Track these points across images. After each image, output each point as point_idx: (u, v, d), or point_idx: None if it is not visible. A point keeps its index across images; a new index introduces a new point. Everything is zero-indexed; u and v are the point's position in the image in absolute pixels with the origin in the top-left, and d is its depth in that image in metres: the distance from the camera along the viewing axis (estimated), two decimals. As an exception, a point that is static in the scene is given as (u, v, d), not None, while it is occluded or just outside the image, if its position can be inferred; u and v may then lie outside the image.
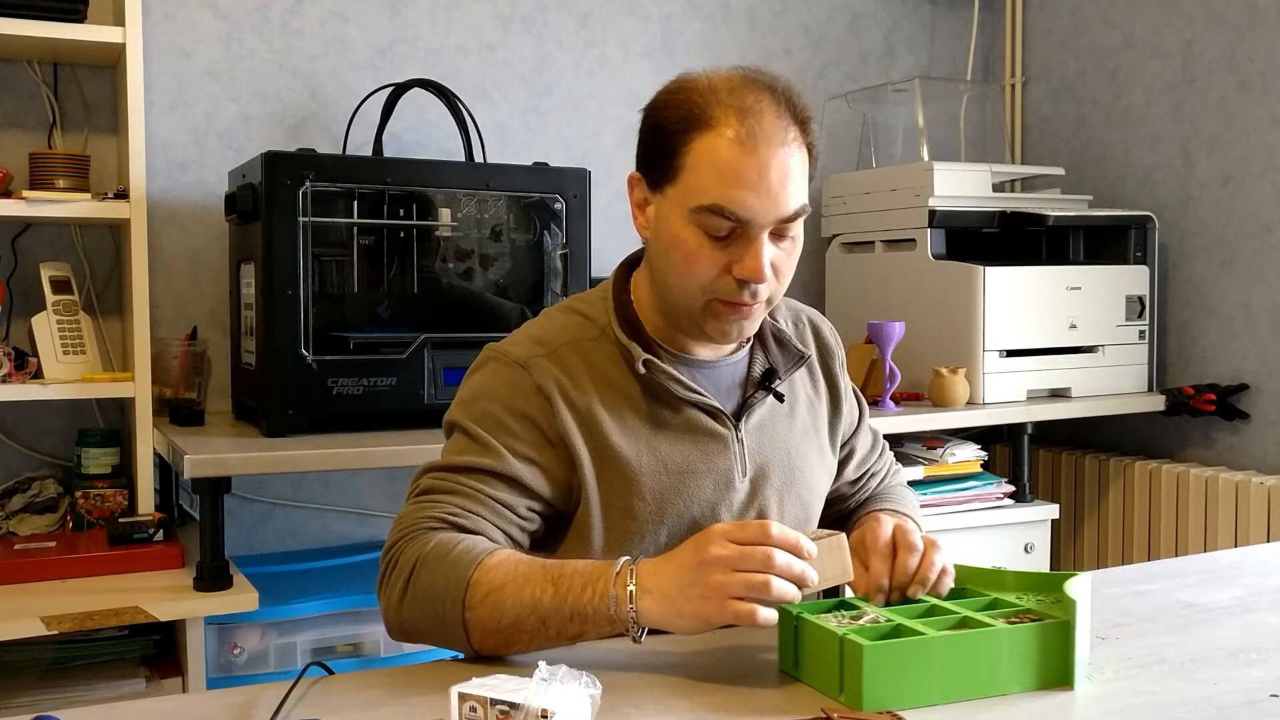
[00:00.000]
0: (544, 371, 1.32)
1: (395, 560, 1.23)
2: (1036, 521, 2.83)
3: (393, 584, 1.22)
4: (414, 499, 1.30)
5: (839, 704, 1.07)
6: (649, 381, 1.34)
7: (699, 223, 1.26)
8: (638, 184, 1.34)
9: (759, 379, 1.41)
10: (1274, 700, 1.09)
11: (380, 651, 2.31)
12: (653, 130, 1.30)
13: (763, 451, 1.39)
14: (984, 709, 1.07)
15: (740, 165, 1.23)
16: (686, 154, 1.25)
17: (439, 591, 1.18)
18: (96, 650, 2.20)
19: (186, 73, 2.60)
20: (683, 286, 1.30)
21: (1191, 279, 3.00)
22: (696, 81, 1.28)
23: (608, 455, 1.32)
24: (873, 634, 1.10)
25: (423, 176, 2.38)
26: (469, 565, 1.18)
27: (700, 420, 1.36)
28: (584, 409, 1.32)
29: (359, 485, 2.77)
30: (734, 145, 1.23)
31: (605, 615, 1.14)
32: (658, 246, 1.32)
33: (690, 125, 1.25)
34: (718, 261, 1.27)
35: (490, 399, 1.32)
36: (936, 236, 2.82)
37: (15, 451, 2.46)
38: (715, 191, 1.24)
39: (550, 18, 2.94)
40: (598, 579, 1.15)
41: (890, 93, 3.25)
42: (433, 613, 1.19)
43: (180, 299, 2.60)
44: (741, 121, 1.23)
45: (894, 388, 2.63)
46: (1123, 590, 1.47)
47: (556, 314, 1.41)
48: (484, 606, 1.16)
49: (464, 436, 1.32)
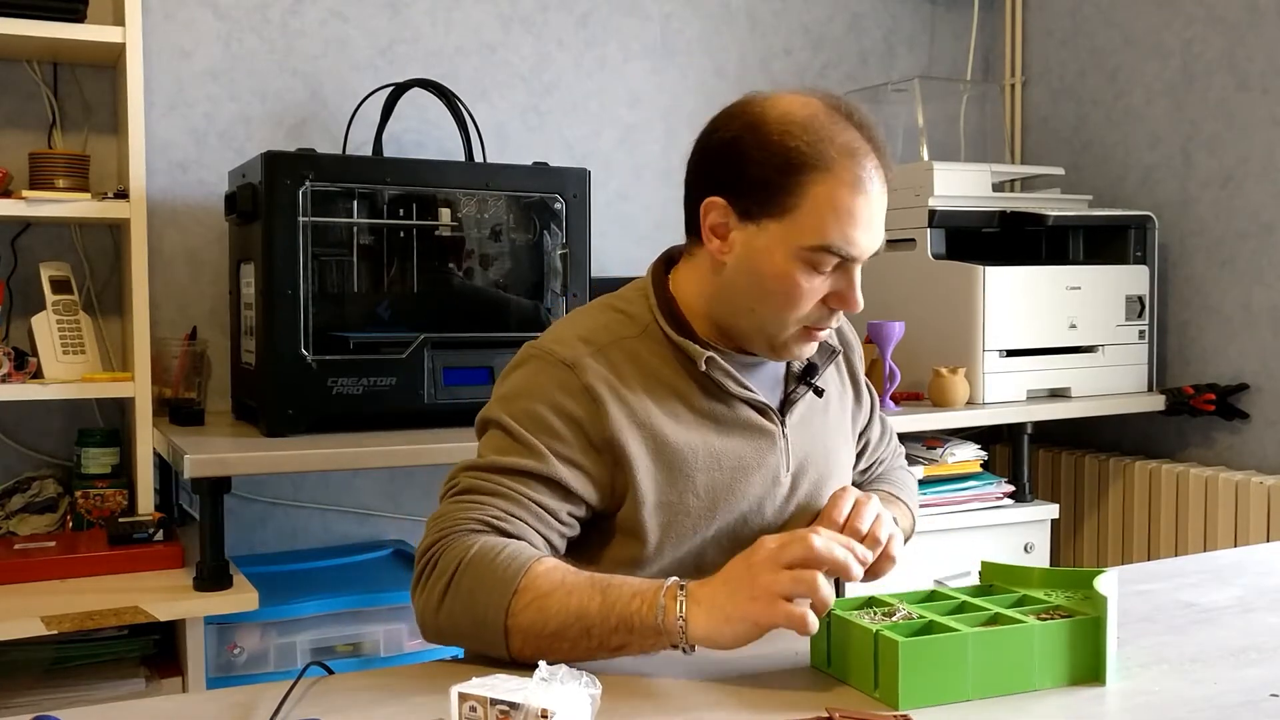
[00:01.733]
0: (593, 371, 1.31)
1: (434, 561, 1.22)
2: (1036, 521, 2.83)
3: (432, 586, 1.21)
4: (452, 498, 1.28)
5: (875, 700, 1.08)
6: (703, 378, 1.35)
7: (808, 260, 1.29)
8: (719, 209, 1.32)
9: (799, 375, 1.44)
10: (1274, 700, 1.09)
11: (380, 651, 2.31)
12: (756, 164, 1.28)
13: (803, 446, 1.42)
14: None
15: (856, 208, 1.28)
16: (800, 194, 1.27)
17: (482, 596, 1.17)
18: (96, 650, 2.20)
19: (186, 73, 2.60)
20: (778, 317, 1.32)
21: (1191, 279, 3.00)
22: (794, 114, 1.29)
23: (663, 451, 1.32)
24: (906, 631, 1.11)
25: (423, 176, 2.38)
26: (516, 571, 1.17)
27: (751, 417, 1.38)
28: (636, 407, 1.32)
29: (359, 485, 2.77)
30: (851, 190, 1.27)
31: (652, 625, 1.13)
32: (747, 275, 1.32)
33: (802, 165, 1.26)
34: (817, 294, 1.31)
35: (534, 398, 1.31)
36: (936, 236, 2.82)
37: (15, 451, 2.46)
38: (833, 233, 1.27)
39: (550, 18, 2.94)
40: (647, 590, 1.15)
41: (890, 93, 3.25)
42: (474, 617, 1.18)
43: (180, 299, 2.60)
44: (855, 164, 1.28)
45: (894, 388, 2.63)
46: (1123, 590, 1.47)
47: (595, 312, 1.41)
48: (528, 612, 1.16)
49: (504, 435, 1.30)
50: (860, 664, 1.11)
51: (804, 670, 1.17)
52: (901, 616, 1.15)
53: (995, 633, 1.10)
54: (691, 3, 3.11)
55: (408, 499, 2.82)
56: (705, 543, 1.35)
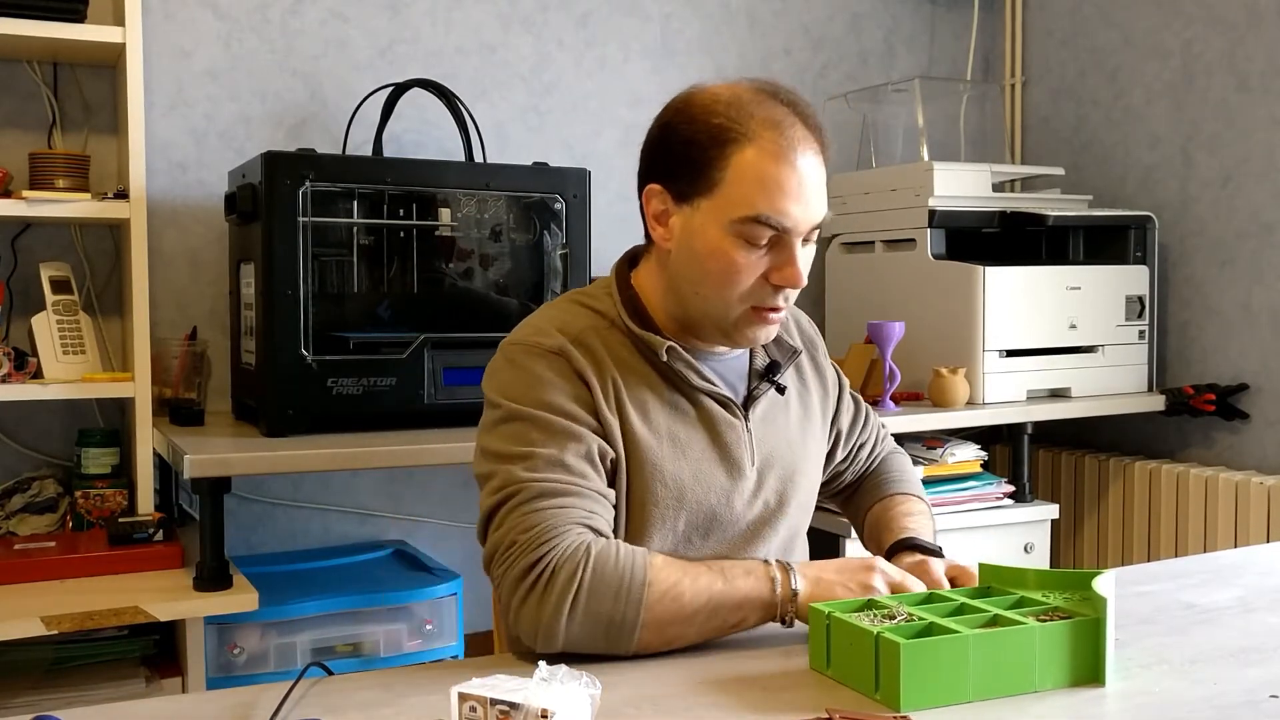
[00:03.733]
0: (575, 355, 1.34)
1: (550, 572, 1.21)
2: (1036, 521, 2.83)
3: (559, 596, 1.20)
4: (529, 504, 1.25)
5: (875, 701, 1.08)
6: (667, 371, 1.37)
7: (739, 233, 1.30)
8: (658, 196, 1.36)
9: (762, 371, 1.45)
10: (1274, 700, 1.09)
11: (380, 651, 2.31)
12: (682, 144, 1.32)
13: (767, 441, 1.43)
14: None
15: (782, 177, 1.29)
16: (724, 167, 1.29)
17: (615, 600, 1.20)
18: (96, 650, 2.20)
19: (186, 73, 2.60)
20: (720, 296, 1.33)
21: (1191, 279, 3.00)
22: (719, 94, 1.33)
23: (633, 440, 1.34)
24: (907, 633, 1.11)
25: (423, 176, 2.38)
26: (643, 568, 1.22)
27: (714, 410, 1.40)
28: (613, 394, 1.34)
29: (359, 485, 2.77)
30: (774, 158, 1.29)
31: (766, 599, 1.23)
32: (687, 257, 1.35)
33: (725, 139, 1.29)
34: (756, 270, 1.32)
35: (544, 387, 1.32)
36: (936, 236, 2.82)
37: (15, 451, 2.46)
38: (760, 202, 1.29)
39: (550, 18, 2.94)
40: (755, 567, 1.26)
41: (890, 93, 3.25)
42: (608, 620, 1.21)
43: (180, 299, 2.60)
44: (779, 134, 1.29)
45: (894, 388, 2.63)
46: (1123, 590, 1.47)
47: (564, 305, 1.43)
48: (663, 604, 1.21)
49: (534, 428, 1.30)
50: (861, 666, 1.11)
51: (804, 671, 1.17)
52: (902, 618, 1.15)
53: (996, 634, 1.11)
54: (691, 3, 3.11)
55: (408, 499, 2.82)
56: (675, 536, 1.36)
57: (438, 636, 2.36)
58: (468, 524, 2.86)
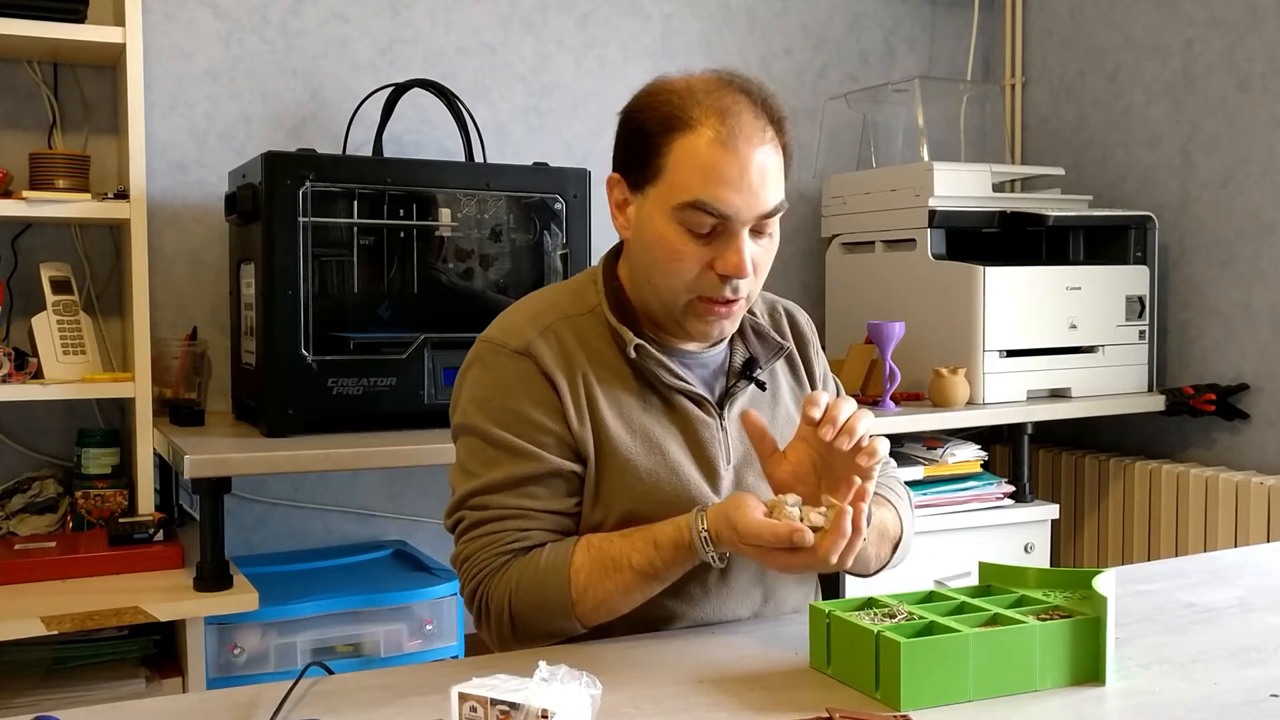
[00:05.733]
0: (544, 354, 1.34)
1: (486, 605, 1.32)
2: (1036, 521, 2.83)
3: (497, 624, 1.32)
4: (468, 535, 1.34)
5: (875, 700, 1.08)
6: (639, 367, 1.37)
7: (682, 220, 1.30)
8: (617, 185, 1.38)
9: (740, 368, 1.44)
10: (1274, 700, 1.09)
11: (380, 651, 2.31)
12: (633, 132, 1.34)
13: (744, 440, 1.41)
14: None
15: (721, 163, 1.28)
16: (668, 153, 1.30)
17: (546, 608, 1.29)
18: (96, 650, 2.20)
19: (186, 73, 2.60)
20: (667, 284, 1.33)
21: (1191, 279, 3.00)
22: (674, 84, 1.34)
23: (605, 438, 1.34)
24: (907, 632, 1.11)
25: (423, 176, 2.38)
26: (562, 567, 1.28)
27: (687, 408, 1.39)
28: (584, 389, 1.35)
29: (359, 485, 2.77)
30: (715, 144, 1.28)
31: (684, 540, 1.26)
32: (639, 246, 1.36)
33: (670, 126, 1.30)
34: (700, 258, 1.31)
35: (505, 395, 1.33)
36: (936, 236, 2.82)
37: (15, 451, 2.46)
38: (698, 189, 1.28)
39: (550, 18, 2.94)
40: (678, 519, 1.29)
41: (890, 93, 3.24)
42: (547, 627, 1.30)
43: (180, 299, 2.60)
44: (721, 121, 1.28)
45: (894, 388, 2.63)
46: (1123, 590, 1.47)
47: (546, 292, 1.45)
48: (589, 593, 1.27)
49: (489, 445, 1.33)
50: (861, 665, 1.11)
51: (804, 671, 1.17)
52: (902, 618, 1.15)
53: (996, 633, 1.11)
54: (691, 3, 3.11)
55: (408, 499, 2.82)
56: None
57: (438, 636, 2.36)
58: (468, 524, 2.86)
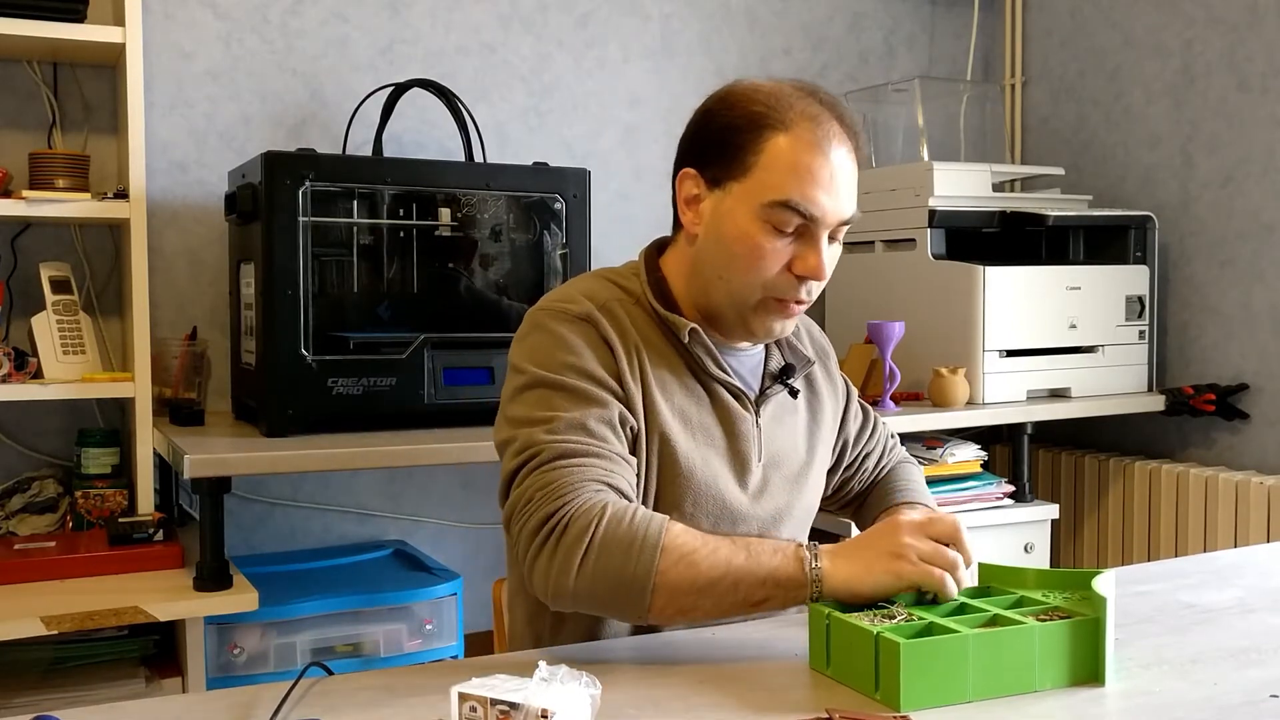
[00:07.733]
0: (604, 325, 1.35)
1: (562, 526, 1.21)
2: (1036, 521, 2.83)
3: (567, 550, 1.20)
4: (549, 464, 1.25)
5: (875, 701, 1.08)
6: (687, 354, 1.39)
7: (768, 218, 1.32)
8: (691, 180, 1.38)
9: (776, 373, 1.47)
10: (1274, 700, 1.09)
11: (380, 651, 2.31)
12: (721, 128, 1.35)
13: (775, 440, 1.44)
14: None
15: (815, 165, 1.31)
16: (761, 151, 1.32)
17: (626, 558, 1.19)
18: (96, 650, 2.20)
19: (186, 73, 2.60)
20: (743, 280, 1.35)
21: (1191, 279, 3.00)
22: (762, 85, 1.36)
23: (653, 411, 1.35)
24: (906, 632, 1.11)
25: (423, 176, 2.38)
26: (658, 531, 1.20)
27: (728, 400, 1.41)
28: (637, 364, 1.36)
29: (359, 485, 2.77)
30: (810, 146, 1.31)
31: (795, 577, 1.18)
32: (714, 241, 1.36)
33: (763, 124, 1.32)
34: (781, 257, 1.33)
35: (569, 351, 1.33)
36: (936, 236, 2.82)
37: (15, 451, 2.46)
38: (790, 188, 1.30)
39: (550, 18, 2.94)
40: (783, 546, 1.21)
41: (890, 93, 3.24)
42: (618, 579, 1.19)
43: (180, 299, 2.60)
44: (815, 126, 1.32)
45: (894, 388, 2.63)
46: (1123, 590, 1.47)
47: (592, 278, 1.44)
48: (677, 569, 1.18)
49: (559, 392, 1.30)
50: (861, 666, 1.10)
51: (804, 671, 1.17)
52: (902, 618, 1.15)
53: (996, 634, 1.11)
54: (691, 3, 3.11)
55: (408, 499, 2.82)
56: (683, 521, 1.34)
57: (438, 636, 2.36)
58: (468, 524, 2.86)
